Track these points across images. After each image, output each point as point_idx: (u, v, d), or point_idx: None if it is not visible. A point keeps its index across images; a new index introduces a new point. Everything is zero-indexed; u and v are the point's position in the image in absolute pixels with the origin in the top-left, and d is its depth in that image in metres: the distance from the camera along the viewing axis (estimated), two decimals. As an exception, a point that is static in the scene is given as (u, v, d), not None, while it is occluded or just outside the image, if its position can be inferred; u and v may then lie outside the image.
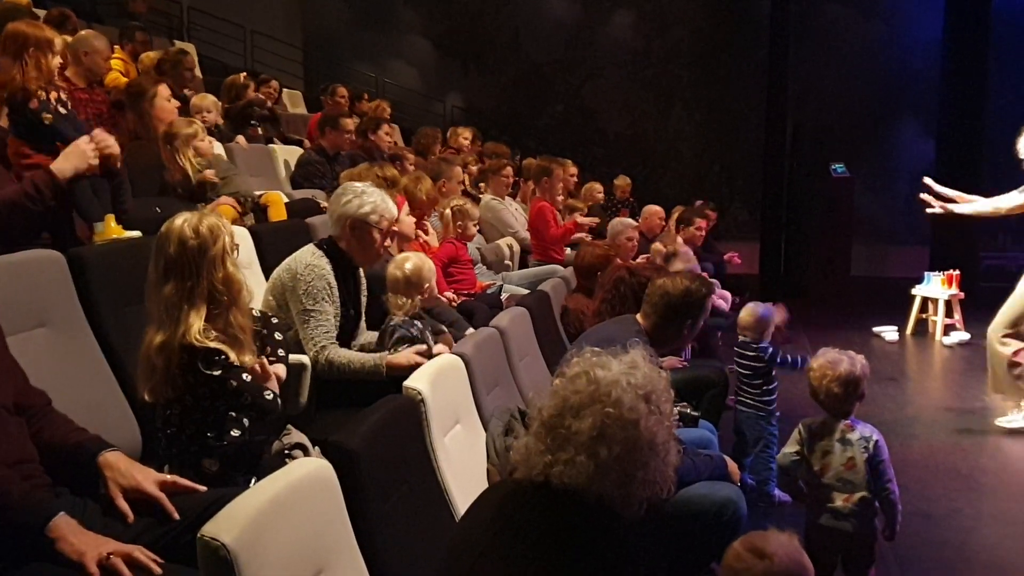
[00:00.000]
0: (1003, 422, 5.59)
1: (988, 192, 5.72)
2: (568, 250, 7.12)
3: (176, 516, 2.17)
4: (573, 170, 8.86)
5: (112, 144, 3.37)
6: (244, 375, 2.55)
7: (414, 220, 4.86)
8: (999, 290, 5.94)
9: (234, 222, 3.95)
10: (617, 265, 4.80)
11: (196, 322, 2.47)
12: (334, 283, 3.44)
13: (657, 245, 6.52)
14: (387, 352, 3.43)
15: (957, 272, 8.60)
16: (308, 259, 3.44)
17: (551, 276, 5.99)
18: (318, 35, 14.86)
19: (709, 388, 4.49)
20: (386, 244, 3.63)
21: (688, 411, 3.63)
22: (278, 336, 2.93)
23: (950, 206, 5.74)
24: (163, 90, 5.02)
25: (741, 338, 4.48)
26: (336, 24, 14.93)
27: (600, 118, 14.58)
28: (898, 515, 3.04)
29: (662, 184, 13.38)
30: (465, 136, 9.38)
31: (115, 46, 6.81)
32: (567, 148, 11.22)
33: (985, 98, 11.37)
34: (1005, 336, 5.45)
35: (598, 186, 9.60)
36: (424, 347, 3.43)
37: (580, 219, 7.22)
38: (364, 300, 3.72)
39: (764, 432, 4.34)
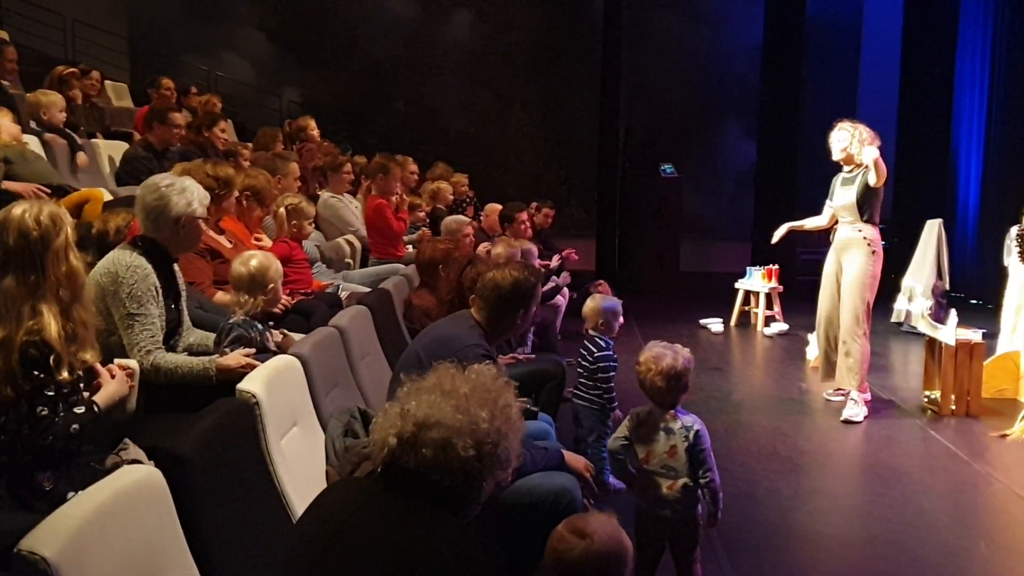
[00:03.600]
0: (849, 415, 5.79)
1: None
2: (409, 248, 7.13)
3: None
4: (414, 167, 8.85)
5: None
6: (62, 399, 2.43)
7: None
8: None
9: None
10: (461, 257, 4.82)
11: (53, 323, 2.37)
12: (159, 284, 3.30)
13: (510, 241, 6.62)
14: (217, 354, 3.34)
15: (777, 267, 9.12)
16: (128, 260, 3.25)
17: (393, 274, 5.98)
18: (144, 25, 14.20)
19: (548, 381, 4.60)
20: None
21: (528, 406, 3.73)
22: None
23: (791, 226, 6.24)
24: None
25: (591, 332, 4.58)
26: (164, 14, 14.32)
27: (442, 116, 14.63)
28: (719, 502, 3.16)
29: (503, 183, 13.56)
30: (313, 128, 9.13)
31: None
32: (409, 146, 11.18)
33: (801, 101, 12.14)
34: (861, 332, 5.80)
35: (447, 187, 9.60)
36: (253, 350, 3.35)
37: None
38: (184, 293, 3.58)
39: (598, 423, 4.47)
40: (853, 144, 5.84)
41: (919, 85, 11.70)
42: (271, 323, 3.79)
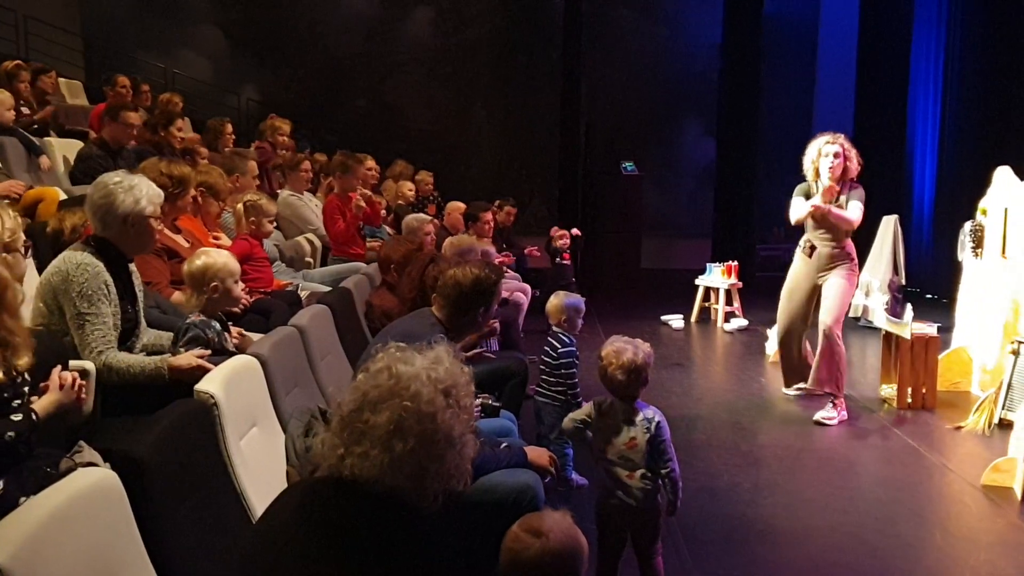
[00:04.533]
0: (821, 417, 5.74)
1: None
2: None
3: None
4: (370, 164, 8.78)
5: None
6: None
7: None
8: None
9: None
10: (423, 255, 4.80)
11: None
12: (110, 280, 3.24)
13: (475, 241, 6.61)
14: (171, 354, 3.30)
15: (736, 263, 9.20)
16: (79, 258, 3.20)
17: (354, 273, 5.94)
18: (99, 22, 13.97)
19: (510, 378, 4.60)
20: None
21: (490, 402, 3.74)
22: None
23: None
24: None
25: (554, 328, 4.61)
26: (119, 10, 14.09)
27: (402, 114, 14.55)
28: (679, 492, 3.22)
29: (465, 181, 13.53)
30: (283, 133, 8.98)
31: None
32: (369, 143, 11.11)
33: (759, 98, 12.27)
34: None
35: (409, 184, 9.56)
36: (207, 351, 3.31)
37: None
38: (141, 295, 3.53)
39: (559, 420, 4.46)
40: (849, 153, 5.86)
41: (875, 83, 11.87)
42: (229, 322, 3.74)
